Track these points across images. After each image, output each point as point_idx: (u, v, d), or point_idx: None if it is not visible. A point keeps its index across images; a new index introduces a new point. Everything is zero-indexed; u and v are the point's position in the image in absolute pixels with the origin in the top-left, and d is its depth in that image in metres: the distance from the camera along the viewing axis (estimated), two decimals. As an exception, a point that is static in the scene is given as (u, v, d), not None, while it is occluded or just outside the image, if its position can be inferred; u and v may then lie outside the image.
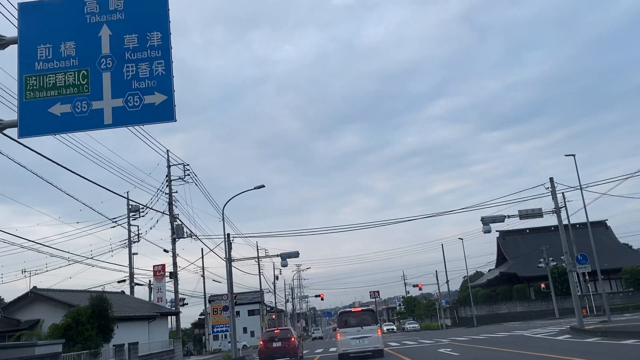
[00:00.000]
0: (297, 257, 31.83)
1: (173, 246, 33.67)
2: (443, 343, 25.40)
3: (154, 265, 34.80)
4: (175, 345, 31.24)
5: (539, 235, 69.74)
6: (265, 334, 23.78)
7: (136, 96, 9.69)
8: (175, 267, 33.32)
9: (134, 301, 31.75)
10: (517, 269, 65.10)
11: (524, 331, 29.44)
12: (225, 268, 32.87)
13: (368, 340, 18.91)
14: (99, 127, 9.82)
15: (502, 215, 26.14)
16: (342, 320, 20.16)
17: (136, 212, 41.10)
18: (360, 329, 19.13)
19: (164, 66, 9.79)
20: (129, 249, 40.44)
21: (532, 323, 44.31)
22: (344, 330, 19.39)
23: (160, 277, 34.02)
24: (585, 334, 21.38)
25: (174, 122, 9.50)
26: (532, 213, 26.03)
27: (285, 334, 22.76)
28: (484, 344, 21.55)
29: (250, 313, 75.47)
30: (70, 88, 9.74)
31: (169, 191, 34.40)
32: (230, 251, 31.79)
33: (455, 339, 27.76)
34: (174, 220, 33.98)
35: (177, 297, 33.05)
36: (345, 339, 19.07)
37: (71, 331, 20.97)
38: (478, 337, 27.22)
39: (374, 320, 19.81)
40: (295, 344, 22.04)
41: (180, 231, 33.68)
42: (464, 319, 68.34)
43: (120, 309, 27.48)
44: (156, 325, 29.68)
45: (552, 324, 35.85)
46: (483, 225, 26.24)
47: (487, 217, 26.11)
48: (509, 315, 61.81)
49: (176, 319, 33.12)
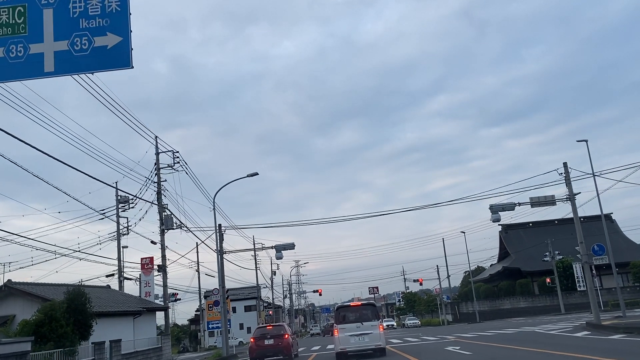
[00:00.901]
0: (293, 249, 30.08)
1: (162, 238, 31.84)
2: (449, 340, 23.62)
3: (142, 258, 33.00)
4: (163, 343, 29.43)
5: (543, 229, 68.03)
6: (256, 331, 21.99)
7: (84, 37, 7.88)
8: (164, 260, 31.48)
9: (120, 296, 29.91)
10: (521, 264, 63.37)
11: (533, 327, 27.68)
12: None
13: (369, 337, 17.04)
14: (38, 76, 8.02)
15: (512, 203, 24.31)
16: (340, 316, 18.15)
17: (125, 203, 39.29)
18: (360, 324, 17.25)
19: (119, 1, 7.93)
20: (118, 242, 38.62)
21: (538, 319, 42.59)
22: (342, 327, 17.46)
23: (149, 271, 32.17)
24: (606, 331, 19.61)
25: (130, 68, 7.63)
26: (544, 200, 24.20)
27: (278, 330, 20.98)
28: (494, 341, 19.77)
29: (246, 309, 73.73)
30: (3, 28, 7.88)
31: (158, 180, 32.54)
32: (222, 243, 29.99)
33: (461, 336, 26.00)
34: (162, 211, 32.14)
35: (166, 292, 31.22)
36: (344, 336, 17.19)
37: (43, 328, 19.12)
38: (485, 334, 25.45)
39: (375, 315, 17.90)
40: (289, 342, 20.25)
41: (169, 222, 31.85)
42: (465, 314, 66.69)
43: (104, 304, 25.67)
44: (143, 322, 27.86)
45: (561, 320, 34.10)
46: (492, 213, 24.43)
47: (497, 205, 24.29)
48: (512, 310, 60.13)
49: (165, 314, 31.31)
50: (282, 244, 29.98)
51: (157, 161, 32.86)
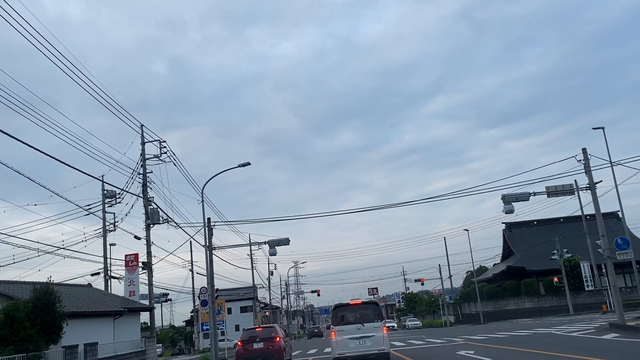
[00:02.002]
0: (288, 245, 27.90)
1: (147, 233, 29.69)
2: (458, 343, 21.51)
3: (126, 255, 30.80)
4: (147, 345, 27.26)
5: (548, 227, 66.00)
6: (244, 333, 19.74)
7: None
8: (149, 257, 29.32)
9: (102, 295, 27.74)
10: (525, 263, 61.19)
11: (547, 329, 25.58)
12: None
13: (371, 340, 14.83)
14: None
15: (526, 193, 22.21)
16: (337, 316, 15.75)
17: (112, 198, 37.21)
18: (361, 326, 15.01)
19: None
20: (104, 239, 36.51)
21: (547, 320, 40.50)
22: (341, 328, 15.17)
23: (133, 268, 29.99)
24: (636, 332, 17.50)
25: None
26: (561, 190, 22.10)
27: (268, 332, 18.78)
28: (511, 344, 17.66)
29: (242, 310, 71.51)
30: None
31: (143, 171, 30.40)
32: (211, 238, 27.85)
33: (470, 338, 23.87)
34: (148, 204, 29.99)
35: (152, 291, 29.04)
36: (342, 339, 14.96)
37: (4, 330, 17.00)
38: (497, 336, 23.33)
39: (377, 315, 15.57)
40: (281, 345, 18.08)
41: (155, 216, 29.70)
42: (468, 315, 64.61)
43: (82, 304, 23.53)
44: (125, 323, 25.73)
45: (574, 321, 31.96)
46: (504, 204, 22.31)
47: (510, 195, 22.18)
48: (517, 311, 57.97)
49: (150, 315, 29.13)
50: (276, 239, 27.85)
51: (142, 151, 30.75)
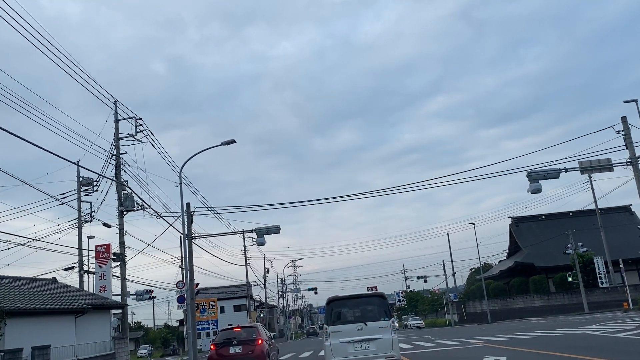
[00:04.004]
0: (278, 233, 24.51)
1: (120, 221, 26.36)
2: (476, 345, 18.22)
3: (97, 246, 27.45)
4: (118, 348, 23.90)
5: (557, 221, 62.77)
6: (219, 335, 16.34)
7: None
8: (122, 248, 25.99)
9: (65, 291, 24.38)
10: (534, 259, 57.88)
11: (573, 328, 22.30)
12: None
13: (376, 344, 11.38)
14: None
15: (556, 169, 18.91)
16: (333, 313, 12.19)
17: (88, 185, 33.89)
18: (363, 325, 11.55)
19: None
20: (79, 230, 33.18)
21: (564, 319, 37.23)
22: (336, 329, 11.70)
23: (104, 261, 26.62)
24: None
25: None
26: (597, 165, 18.76)
27: (249, 334, 15.43)
28: (545, 347, 14.32)
29: (236, 309, 68.09)
30: None
31: (117, 152, 27.07)
32: (191, 225, 24.53)
33: (488, 340, 20.57)
34: (122, 189, 26.66)
35: (124, 286, 25.68)
36: (338, 344, 11.52)
37: None
38: (520, 337, 20.02)
39: (384, 311, 12.00)
40: (263, 349, 14.75)
41: (129, 202, 26.37)
42: (472, 314, 61.41)
43: (36, 300, 20.19)
44: (90, 322, 22.39)
45: (597, 320, 28.66)
46: (530, 182, 19.02)
47: (536, 172, 18.89)
48: (525, 310, 54.73)
49: (122, 313, 25.73)
50: (265, 227, 24.50)
51: (116, 129, 27.42)
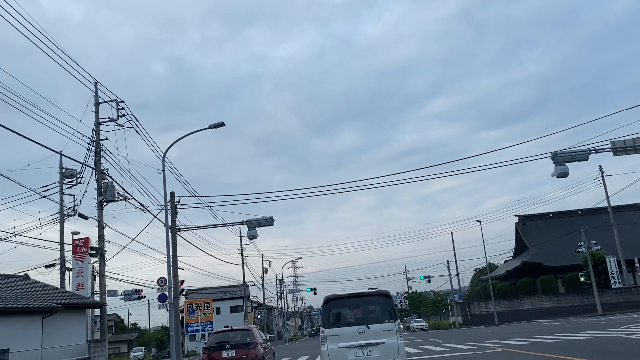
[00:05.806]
0: (271, 225, 22.31)
1: (99, 212, 24.16)
2: (493, 350, 15.97)
3: (74, 240, 25.24)
4: (94, 351, 21.66)
5: (565, 220, 60.57)
6: (211, 338, 14.43)
7: None
8: (101, 242, 23.80)
9: (36, 288, 22.13)
10: (542, 258, 55.60)
11: (598, 331, 20.03)
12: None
13: (379, 349, 9.37)
14: None
15: (585, 150, 16.67)
16: (331, 314, 10.25)
17: (72, 177, 31.69)
18: (365, 328, 9.57)
19: None
20: (61, 224, 30.94)
21: (577, 321, 34.97)
22: (334, 332, 9.71)
23: (82, 256, 24.41)
24: None
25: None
26: (632, 146, 16.50)
27: (242, 336, 13.57)
28: (581, 354, 12.07)
29: (232, 310, 65.83)
30: None
31: (97, 137, 24.88)
32: (175, 216, 22.32)
33: (505, 344, 18.32)
34: (102, 177, 24.46)
35: (104, 283, 23.47)
36: (336, 349, 9.45)
37: None
38: (541, 341, 17.77)
39: (389, 312, 10.05)
40: (258, 353, 12.75)
41: (109, 191, 24.18)
42: (478, 316, 59.16)
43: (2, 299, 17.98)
44: (61, 323, 20.16)
45: (618, 322, 26.39)
46: (556, 166, 16.75)
47: (563, 153, 16.67)
48: (533, 311, 52.47)
49: (101, 313, 23.48)
50: (257, 219, 22.29)
51: (96, 113, 25.23)
